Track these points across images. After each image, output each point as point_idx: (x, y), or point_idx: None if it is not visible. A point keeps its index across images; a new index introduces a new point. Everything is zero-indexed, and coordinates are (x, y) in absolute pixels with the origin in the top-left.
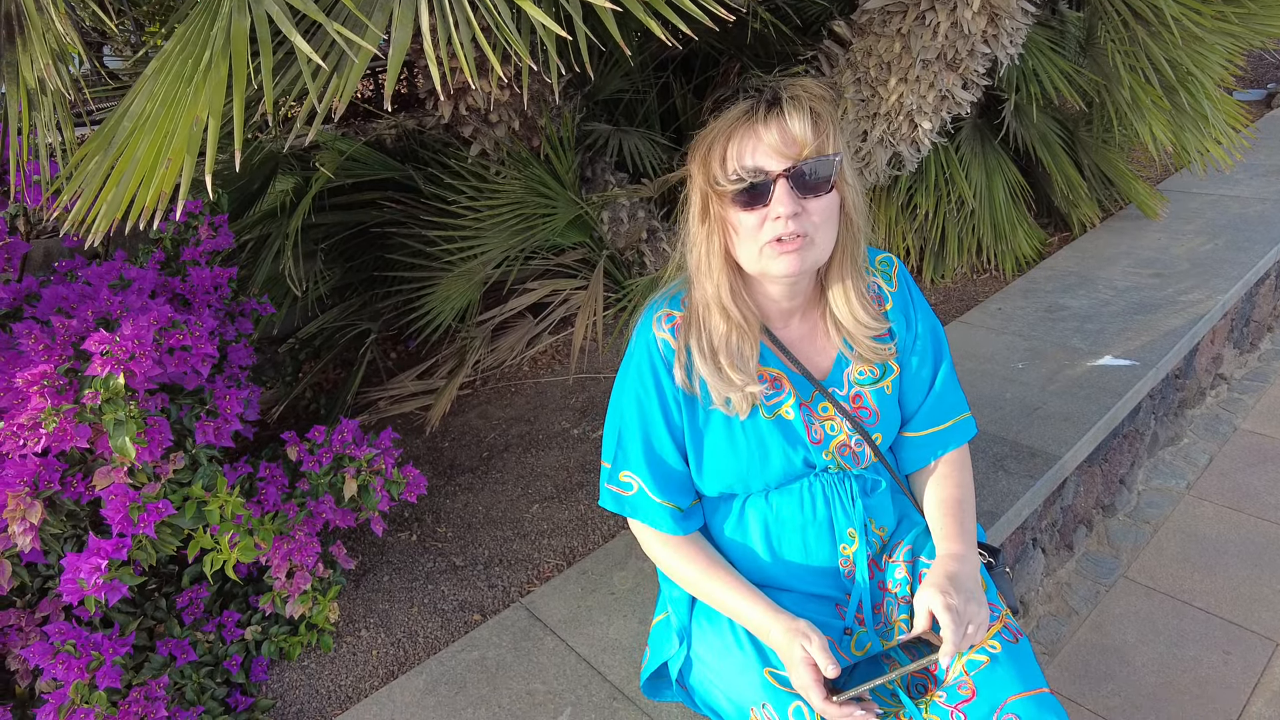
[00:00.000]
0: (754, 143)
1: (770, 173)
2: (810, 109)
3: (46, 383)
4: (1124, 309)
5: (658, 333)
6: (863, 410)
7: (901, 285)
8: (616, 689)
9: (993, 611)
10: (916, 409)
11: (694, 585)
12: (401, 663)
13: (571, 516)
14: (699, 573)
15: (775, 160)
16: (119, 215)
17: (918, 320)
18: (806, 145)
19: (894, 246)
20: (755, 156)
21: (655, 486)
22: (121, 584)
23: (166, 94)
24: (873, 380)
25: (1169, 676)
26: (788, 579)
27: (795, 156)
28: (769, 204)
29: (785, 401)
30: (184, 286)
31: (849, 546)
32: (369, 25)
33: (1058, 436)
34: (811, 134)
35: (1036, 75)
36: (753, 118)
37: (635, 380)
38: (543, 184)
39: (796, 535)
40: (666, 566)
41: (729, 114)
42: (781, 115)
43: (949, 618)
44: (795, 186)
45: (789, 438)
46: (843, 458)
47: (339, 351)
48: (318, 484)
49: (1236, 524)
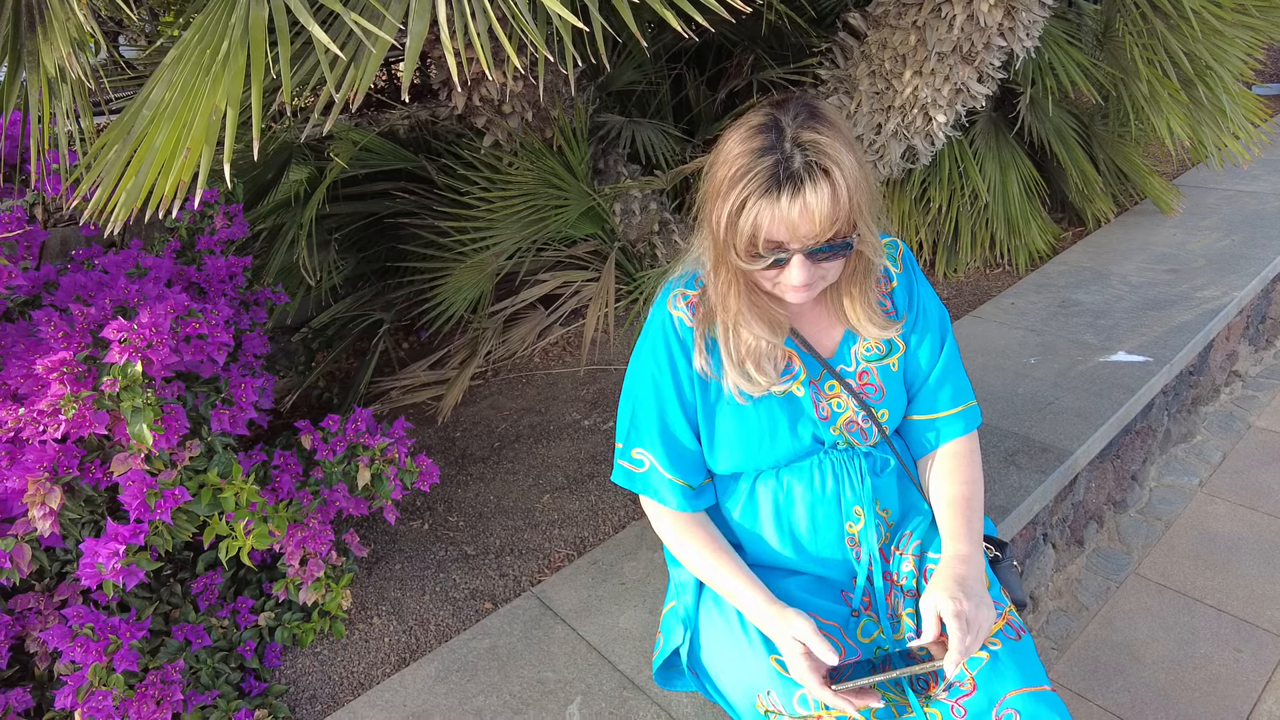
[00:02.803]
0: (773, 215)
1: (789, 248)
2: (829, 186)
3: (66, 370)
4: (1138, 305)
5: (674, 311)
6: (869, 387)
7: (906, 267)
8: (627, 678)
9: (997, 608)
10: (920, 386)
11: (696, 565)
12: (413, 650)
13: (582, 507)
14: (702, 553)
15: (792, 239)
16: (138, 205)
17: (921, 300)
18: (827, 225)
19: (907, 240)
20: (773, 231)
21: (668, 463)
22: (139, 569)
23: (185, 83)
24: (879, 356)
25: (1179, 673)
26: (796, 559)
27: (814, 236)
28: (784, 269)
29: (796, 379)
30: (199, 275)
31: (854, 525)
32: (386, 15)
33: (1070, 432)
34: (829, 216)
35: (1053, 68)
36: (773, 194)
37: (650, 358)
38: (555, 175)
39: (806, 511)
40: (673, 544)
41: (744, 159)
42: (802, 198)
43: (957, 625)
44: (810, 258)
45: (798, 414)
46: (850, 434)
47: (352, 341)
48: (332, 472)
49: (1249, 522)
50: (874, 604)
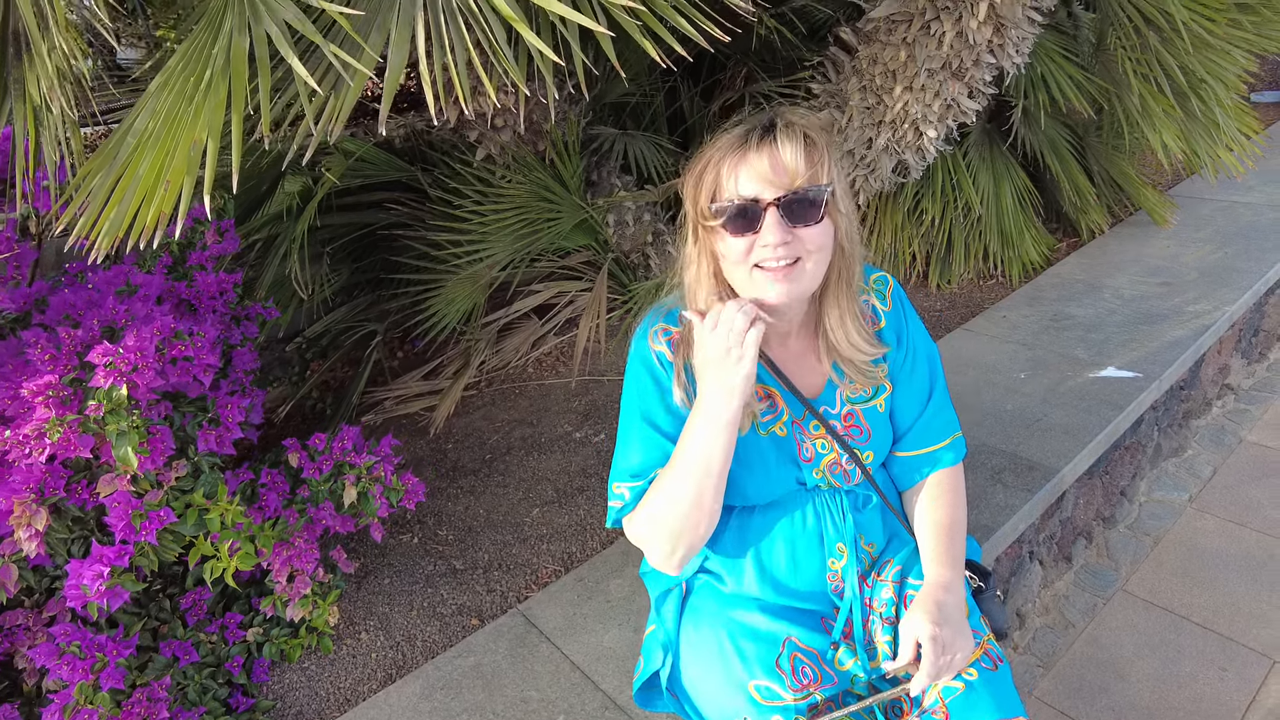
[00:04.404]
0: (745, 170)
1: (761, 200)
2: (804, 137)
3: (52, 393)
4: (1129, 319)
5: (654, 345)
6: (854, 429)
7: (896, 305)
8: (609, 698)
9: (975, 637)
10: (908, 429)
11: (668, 490)
12: (400, 666)
13: (571, 521)
14: (660, 488)
15: (766, 188)
16: (120, 233)
17: (910, 339)
18: (798, 175)
19: (900, 252)
20: (746, 184)
21: (647, 485)
22: (123, 590)
23: (169, 111)
24: (865, 399)
25: (1164, 692)
26: (776, 592)
27: (787, 185)
28: (759, 231)
29: (779, 419)
30: (190, 291)
31: (838, 561)
32: (365, 48)
33: (1057, 449)
34: (804, 163)
35: (1045, 82)
36: (745, 145)
37: (635, 393)
38: (547, 189)
39: (786, 549)
40: (644, 525)
41: (722, 140)
42: (774, 143)
43: (931, 648)
44: (785, 215)
45: (782, 455)
46: (833, 475)
47: (346, 351)
48: (318, 491)
49: (1238, 538)
50: (853, 634)
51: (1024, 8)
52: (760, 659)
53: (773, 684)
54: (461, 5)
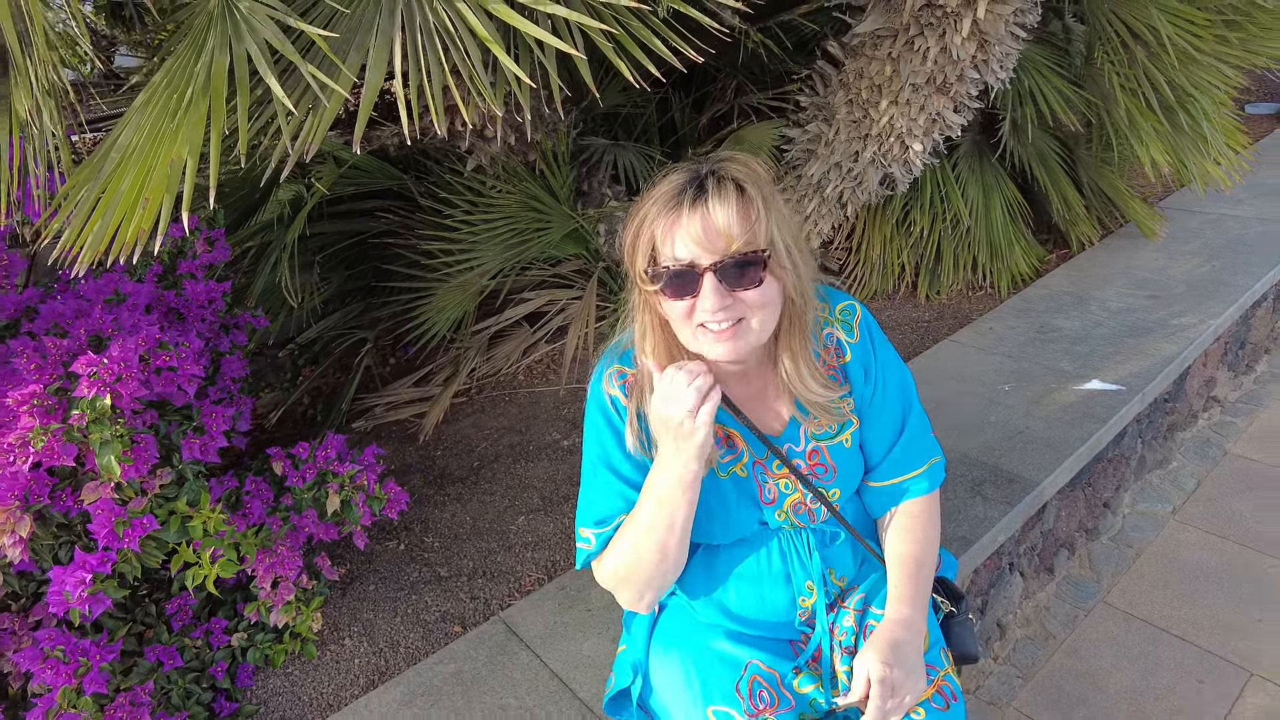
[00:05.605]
0: (680, 232)
1: (697, 266)
2: (738, 192)
3: (36, 402)
4: (1116, 331)
5: (608, 389)
6: (819, 467)
7: (863, 336)
8: (586, 706)
9: (930, 673)
10: (880, 460)
11: (633, 542)
12: (382, 672)
13: (555, 530)
14: (625, 532)
15: (702, 254)
16: (102, 247)
17: (880, 371)
18: (733, 240)
19: (889, 263)
20: (681, 248)
21: (607, 540)
22: (106, 597)
23: (152, 128)
24: (830, 435)
25: (1141, 704)
26: (744, 626)
27: (723, 250)
28: (698, 295)
29: (739, 460)
30: (178, 300)
31: (807, 599)
32: (342, 69)
33: (1038, 462)
34: (738, 225)
35: (1034, 95)
36: (679, 205)
37: (594, 438)
38: (537, 199)
39: (753, 588)
40: (613, 567)
41: (658, 192)
42: (705, 205)
43: (879, 690)
44: (723, 280)
45: (743, 497)
46: (797, 515)
47: (337, 358)
48: (301, 499)
49: (1219, 550)
50: (821, 659)
51: (1007, 24)
52: (719, 684)
53: (729, 709)
54: (439, 25)
